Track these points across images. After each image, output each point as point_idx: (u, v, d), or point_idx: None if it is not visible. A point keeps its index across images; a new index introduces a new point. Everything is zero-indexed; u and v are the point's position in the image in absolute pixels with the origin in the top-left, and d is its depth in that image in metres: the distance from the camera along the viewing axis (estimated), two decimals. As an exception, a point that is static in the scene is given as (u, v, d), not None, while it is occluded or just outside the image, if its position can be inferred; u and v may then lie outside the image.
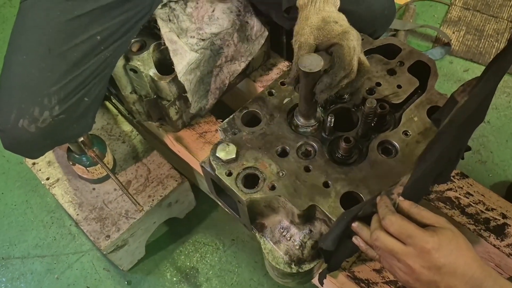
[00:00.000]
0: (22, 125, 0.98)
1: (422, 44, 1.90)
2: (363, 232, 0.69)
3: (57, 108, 1.00)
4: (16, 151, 1.05)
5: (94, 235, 1.28)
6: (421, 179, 0.73)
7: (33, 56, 1.00)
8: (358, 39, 0.89)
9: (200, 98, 1.26)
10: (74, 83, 1.02)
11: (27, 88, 0.99)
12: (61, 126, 1.03)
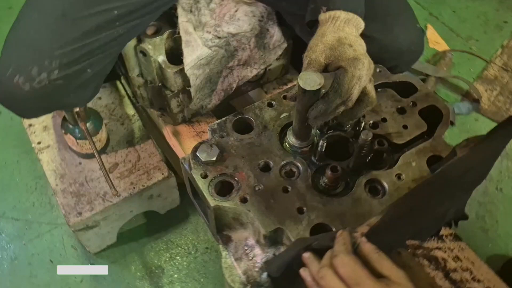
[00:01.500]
0: (18, 81, 0.96)
1: (451, 95, 1.83)
2: (313, 265, 0.62)
3: (56, 72, 0.97)
4: (7, 106, 1.02)
5: (66, 209, 1.25)
6: (394, 228, 0.66)
7: (46, 16, 0.99)
8: (369, 69, 0.83)
9: (203, 96, 1.22)
10: (80, 52, 0.99)
11: (31, 45, 0.98)
12: (56, 91, 1.00)
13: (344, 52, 0.82)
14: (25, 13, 1.00)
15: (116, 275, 1.38)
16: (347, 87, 0.80)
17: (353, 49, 0.83)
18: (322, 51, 0.84)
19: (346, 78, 0.80)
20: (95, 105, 1.46)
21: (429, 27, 2.06)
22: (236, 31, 1.13)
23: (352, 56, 0.81)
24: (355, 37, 0.86)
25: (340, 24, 0.87)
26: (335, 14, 0.87)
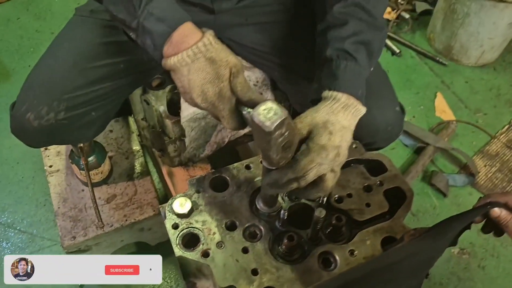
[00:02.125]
0: (29, 117, 1.10)
1: (449, 166, 1.87)
2: None
3: (63, 114, 1.11)
4: (17, 137, 1.16)
5: (63, 231, 1.37)
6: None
7: (60, 64, 1.13)
8: (333, 160, 0.85)
9: (197, 145, 1.33)
10: (85, 97, 1.12)
11: (44, 88, 1.11)
12: (61, 130, 1.14)
13: (320, 135, 0.85)
14: (44, 59, 1.15)
15: (101, 297, 1.49)
16: (302, 166, 0.83)
17: (329, 137, 0.85)
18: (307, 125, 0.87)
19: (305, 159, 0.83)
20: (106, 137, 1.60)
21: (439, 95, 2.11)
22: (232, 93, 1.24)
23: (322, 144, 0.84)
24: (341, 127, 0.88)
25: (337, 108, 0.89)
26: (337, 95, 0.90)
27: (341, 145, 0.86)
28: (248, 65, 1.27)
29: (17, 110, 1.11)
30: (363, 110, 0.93)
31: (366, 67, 0.97)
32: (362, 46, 0.96)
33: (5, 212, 1.67)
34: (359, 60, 0.95)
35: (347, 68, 0.93)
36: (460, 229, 0.89)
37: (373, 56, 0.99)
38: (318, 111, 0.89)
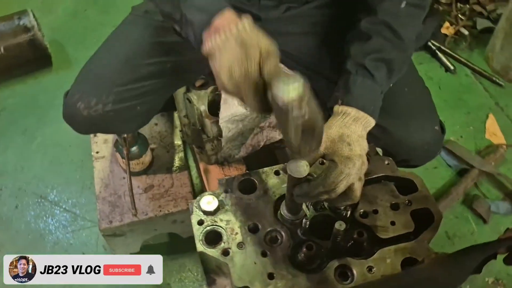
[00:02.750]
0: (79, 106, 1.18)
1: (493, 191, 1.79)
2: None
3: (110, 106, 1.18)
4: (68, 123, 1.25)
5: (101, 214, 1.46)
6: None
7: (112, 59, 1.21)
8: (360, 169, 0.90)
9: (233, 146, 1.36)
10: (133, 92, 1.19)
11: (96, 80, 1.20)
12: (107, 120, 1.21)
13: (341, 149, 0.90)
14: (98, 53, 1.23)
15: (131, 281, 1.56)
16: (332, 180, 0.87)
17: (350, 148, 0.90)
18: (323, 142, 0.91)
19: (334, 172, 0.88)
20: (151, 129, 1.68)
21: (491, 116, 2.02)
22: (270, 99, 1.27)
23: (346, 155, 0.89)
24: (357, 137, 0.93)
25: (348, 121, 0.95)
26: (347, 110, 0.96)
27: (362, 153, 0.91)
28: (289, 72, 1.29)
29: (69, 99, 1.20)
30: (373, 123, 0.96)
31: (383, 84, 0.99)
32: (383, 64, 0.97)
33: (53, 190, 1.79)
34: (376, 77, 0.96)
35: (363, 84, 0.96)
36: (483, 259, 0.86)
37: (393, 75, 1.01)
38: (330, 127, 0.93)
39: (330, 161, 0.93)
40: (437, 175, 1.83)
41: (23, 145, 1.95)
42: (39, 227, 1.70)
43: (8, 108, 2.09)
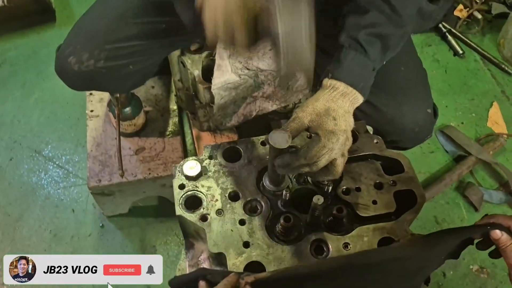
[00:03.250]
0: (70, 61, 1.17)
1: (488, 180, 1.77)
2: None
3: (102, 62, 1.16)
4: (60, 77, 1.24)
5: (91, 173, 1.46)
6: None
7: (107, 15, 1.18)
8: (343, 144, 0.89)
9: (225, 114, 1.35)
10: (125, 50, 1.17)
11: (89, 35, 1.18)
12: (99, 77, 1.20)
13: (326, 122, 0.89)
14: (94, 8, 1.21)
15: (118, 241, 1.58)
16: (314, 153, 0.86)
17: (335, 122, 0.88)
18: (308, 114, 0.90)
19: (317, 146, 0.87)
20: (147, 92, 1.66)
21: (495, 105, 1.98)
22: (265, 68, 1.25)
23: (330, 129, 0.88)
24: (343, 112, 0.91)
25: (336, 95, 0.93)
26: (335, 84, 0.93)
27: (347, 129, 0.89)
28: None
29: (61, 52, 1.19)
30: (361, 99, 0.94)
31: (377, 60, 0.96)
32: (378, 39, 0.94)
33: (48, 146, 1.80)
34: (369, 53, 0.94)
35: (355, 59, 0.93)
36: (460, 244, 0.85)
37: (388, 51, 0.98)
38: (318, 99, 0.91)
39: (314, 134, 0.91)
40: (433, 160, 1.81)
41: (22, 99, 1.95)
42: (32, 181, 1.72)
43: (9, 60, 2.08)
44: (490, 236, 0.78)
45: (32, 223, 1.62)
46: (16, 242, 1.57)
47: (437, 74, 2.08)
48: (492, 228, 0.78)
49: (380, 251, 0.85)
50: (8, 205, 1.66)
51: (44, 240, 1.58)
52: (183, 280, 0.78)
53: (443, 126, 1.89)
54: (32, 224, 1.61)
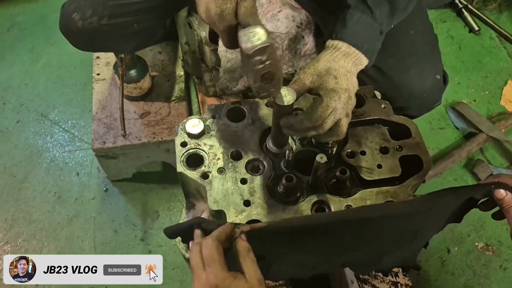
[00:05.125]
0: (74, 17, 1.15)
1: (498, 158, 1.73)
2: (196, 240, 0.73)
3: (106, 19, 1.15)
4: (64, 35, 1.22)
5: (95, 135, 1.46)
6: (273, 240, 0.73)
7: None
8: (346, 103, 0.86)
9: (231, 78, 1.33)
10: (130, 8, 1.15)
11: None
12: (102, 35, 1.18)
13: (326, 82, 0.86)
14: None
15: (121, 205, 1.58)
16: (320, 114, 0.84)
17: (335, 81, 0.86)
18: (310, 75, 0.88)
19: (320, 106, 0.84)
20: (154, 57, 1.65)
21: (510, 83, 1.93)
22: (273, 30, 1.22)
23: (331, 87, 0.85)
24: (345, 71, 0.88)
25: (337, 55, 0.90)
26: (338, 44, 0.91)
27: (349, 88, 0.86)
28: (296, 5, 1.23)
29: (65, 9, 1.17)
30: (365, 61, 0.91)
31: (384, 23, 0.93)
32: (386, 1, 0.90)
33: (54, 110, 1.80)
34: (376, 14, 0.91)
35: (360, 20, 0.90)
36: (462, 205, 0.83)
37: (395, 14, 0.94)
38: (319, 60, 0.89)
39: (316, 95, 0.89)
40: (442, 136, 1.78)
41: (29, 63, 1.95)
42: (38, 143, 1.72)
43: (17, 25, 2.07)
44: (494, 195, 0.76)
45: (36, 185, 1.62)
46: (21, 203, 1.58)
47: (451, 51, 2.02)
48: (496, 187, 0.75)
49: (378, 206, 0.83)
50: (13, 167, 1.66)
51: (48, 202, 1.59)
52: (178, 228, 0.77)
53: (455, 102, 1.84)
54: (37, 186, 1.62)
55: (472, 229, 1.56)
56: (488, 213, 1.38)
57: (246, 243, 0.68)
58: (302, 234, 0.76)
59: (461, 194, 0.79)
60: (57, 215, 1.56)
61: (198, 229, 0.74)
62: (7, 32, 2.04)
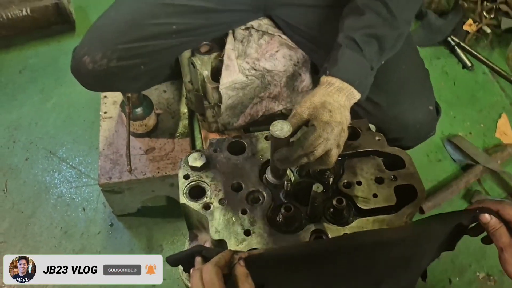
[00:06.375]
0: (85, 60, 1.23)
1: (496, 189, 1.76)
2: (196, 266, 0.76)
3: (114, 62, 1.22)
4: (75, 76, 1.30)
5: (102, 170, 1.51)
6: (268, 266, 0.76)
7: (120, 17, 1.25)
8: (338, 135, 0.91)
9: (232, 114, 1.39)
10: (137, 51, 1.23)
11: (103, 36, 1.24)
12: (111, 76, 1.25)
13: (321, 114, 0.92)
14: (108, 11, 1.27)
15: (126, 240, 1.61)
16: (310, 142, 0.89)
17: (330, 114, 0.92)
18: (306, 108, 0.94)
19: (313, 135, 0.90)
20: (159, 96, 1.72)
21: (504, 116, 1.98)
22: (271, 68, 1.29)
23: (325, 120, 0.91)
24: (339, 105, 0.94)
25: (331, 91, 0.96)
26: (331, 80, 0.98)
27: (343, 121, 0.91)
28: (292, 45, 1.31)
29: (77, 53, 1.25)
30: (358, 96, 0.97)
31: (374, 60, 1.00)
32: (374, 40, 0.98)
33: (63, 147, 1.86)
34: (365, 52, 0.98)
35: (350, 57, 0.97)
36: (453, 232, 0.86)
37: (384, 51, 1.01)
38: (314, 95, 0.95)
39: (311, 126, 0.94)
40: (440, 168, 1.81)
41: (39, 103, 2.03)
42: (46, 180, 1.77)
43: (29, 67, 2.17)
44: (480, 220, 0.79)
45: (43, 220, 1.66)
46: (28, 238, 1.62)
47: (446, 86, 2.10)
48: (481, 212, 0.79)
49: (369, 232, 0.87)
50: (21, 203, 1.70)
51: (55, 237, 1.62)
52: (180, 257, 0.80)
53: (451, 135, 1.89)
54: (44, 221, 1.66)
55: (473, 259, 1.57)
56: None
57: (244, 268, 0.72)
58: (298, 261, 0.79)
59: (448, 221, 0.82)
60: (63, 250, 1.59)
61: (199, 256, 0.77)
62: (19, 74, 2.14)
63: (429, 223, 0.82)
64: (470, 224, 0.83)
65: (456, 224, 0.83)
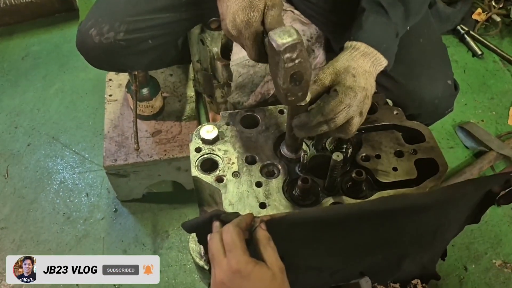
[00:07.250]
0: (91, 33, 1.19)
1: (509, 176, 1.72)
2: (214, 231, 0.71)
3: (122, 35, 1.18)
4: (80, 51, 1.25)
5: (107, 153, 1.47)
6: (291, 229, 0.72)
7: None
8: (362, 102, 0.86)
9: (242, 93, 1.35)
10: (145, 23, 1.19)
11: (110, 9, 1.20)
12: (118, 50, 1.21)
13: (344, 79, 0.87)
14: None
15: (130, 225, 1.57)
16: (331, 108, 0.84)
17: (354, 79, 0.86)
18: (329, 74, 0.89)
19: (334, 101, 0.84)
20: (165, 79, 1.68)
21: (517, 103, 1.96)
22: (284, 44, 1.25)
23: (348, 85, 0.85)
24: (363, 71, 0.89)
25: (356, 55, 0.91)
26: (356, 45, 0.92)
27: (367, 87, 0.86)
28: (305, 20, 1.27)
29: (83, 26, 1.21)
30: (384, 62, 0.91)
31: (399, 24, 0.95)
32: (400, 3, 0.93)
33: (66, 133, 1.82)
34: (391, 15, 0.93)
35: (376, 20, 0.93)
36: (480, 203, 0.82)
37: (410, 16, 0.96)
38: (337, 60, 0.90)
39: (333, 91, 0.89)
40: (452, 155, 1.77)
41: (42, 90, 1.98)
42: (48, 165, 1.72)
43: (32, 54, 2.13)
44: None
45: (45, 206, 1.61)
46: (29, 224, 1.57)
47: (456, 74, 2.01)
48: None
49: (397, 197, 0.82)
50: (23, 188, 1.66)
51: (57, 222, 1.57)
52: (196, 222, 0.75)
53: (463, 122, 1.85)
54: (46, 207, 1.61)
55: (489, 247, 1.52)
56: (504, 230, 1.36)
57: (266, 232, 0.67)
58: (321, 227, 0.75)
59: (479, 185, 0.78)
60: (66, 235, 1.54)
61: (217, 221, 0.72)
62: (22, 61, 2.10)
63: (458, 187, 0.77)
64: (501, 190, 0.79)
65: (486, 191, 0.79)
